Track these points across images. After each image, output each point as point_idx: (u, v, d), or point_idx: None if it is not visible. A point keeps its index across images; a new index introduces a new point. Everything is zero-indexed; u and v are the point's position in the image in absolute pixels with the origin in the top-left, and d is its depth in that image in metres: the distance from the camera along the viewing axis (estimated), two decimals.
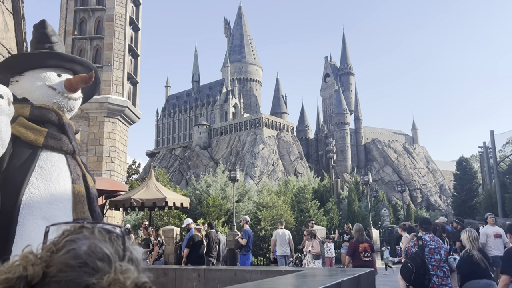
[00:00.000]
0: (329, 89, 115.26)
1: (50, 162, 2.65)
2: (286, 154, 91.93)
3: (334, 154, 30.37)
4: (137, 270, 0.81)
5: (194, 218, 21.24)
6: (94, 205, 2.89)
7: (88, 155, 18.97)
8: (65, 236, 0.79)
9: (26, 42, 6.71)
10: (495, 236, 9.43)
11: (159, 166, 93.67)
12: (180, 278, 4.41)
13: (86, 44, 19.91)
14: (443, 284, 5.95)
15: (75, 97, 2.92)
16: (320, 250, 9.90)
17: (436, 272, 5.99)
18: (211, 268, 4.19)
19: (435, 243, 6.17)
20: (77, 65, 3.03)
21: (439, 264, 6.02)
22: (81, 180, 2.81)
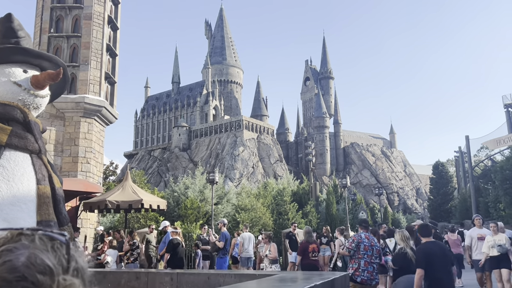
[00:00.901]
0: (309, 93, 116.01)
1: (13, 161, 2.53)
2: (266, 156, 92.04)
3: (313, 157, 30.52)
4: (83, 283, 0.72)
5: (171, 220, 21.00)
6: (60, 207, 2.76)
7: (63, 155, 18.57)
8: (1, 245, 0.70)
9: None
10: (479, 239, 9.26)
11: (137, 167, 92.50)
12: (153, 282, 4.30)
13: (63, 42, 19.51)
14: (371, 279, 6.51)
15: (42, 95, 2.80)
16: (277, 255, 9.77)
17: (367, 267, 6.51)
18: (184, 271, 4.10)
19: (369, 241, 6.72)
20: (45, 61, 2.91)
21: (370, 260, 6.57)
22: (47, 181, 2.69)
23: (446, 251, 5.71)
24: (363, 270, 6.53)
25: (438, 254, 5.33)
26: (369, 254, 6.62)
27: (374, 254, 6.66)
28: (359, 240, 6.75)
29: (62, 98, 18.56)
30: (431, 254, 5.29)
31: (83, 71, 19.19)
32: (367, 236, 6.85)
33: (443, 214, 50.51)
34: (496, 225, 8.82)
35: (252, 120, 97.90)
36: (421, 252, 5.42)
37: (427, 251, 5.33)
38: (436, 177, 53.94)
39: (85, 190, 11.12)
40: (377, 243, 7.05)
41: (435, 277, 5.19)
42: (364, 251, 6.61)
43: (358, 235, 6.93)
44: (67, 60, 19.34)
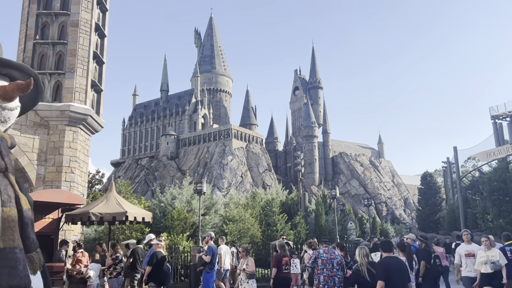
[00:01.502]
0: (298, 102, 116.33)
1: None
2: (254, 166, 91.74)
3: (302, 167, 30.32)
4: None
5: (158, 232, 20.56)
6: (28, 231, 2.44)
7: (47, 165, 18.11)
8: None
9: None
10: (467, 256, 8.77)
11: (124, 176, 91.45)
12: None
13: (48, 49, 19.13)
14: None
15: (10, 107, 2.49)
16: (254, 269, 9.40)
17: (327, 282, 6.77)
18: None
19: (328, 255, 7.03)
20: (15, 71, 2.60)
21: (330, 273, 6.82)
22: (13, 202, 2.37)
23: (403, 266, 6.02)
24: (324, 285, 6.77)
25: (395, 269, 5.72)
26: (328, 268, 6.86)
27: (334, 267, 6.85)
28: (316, 255, 7.08)
29: (47, 106, 18.17)
30: (390, 268, 5.70)
31: (69, 78, 18.81)
32: (325, 251, 7.15)
33: (431, 224, 50.58)
34: (488, 239, 8.34)
35: (241, 129, 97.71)
36: (381, 266, 5.89)
37: (386, 265, 5.77)
38: (424, 187, 54.10)
39: (67, 201, 10.73)
40: (337, 256, 7.18)
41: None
42: (323, 266, 6.86)
43: (317, 251, 7.28)
44: (52, 67, 18.96)
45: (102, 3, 21.18)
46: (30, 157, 17.76)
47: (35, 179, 17.70)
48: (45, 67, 18.94)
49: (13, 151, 17.31)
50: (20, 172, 17.76)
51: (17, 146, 17.39)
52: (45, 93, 18.73)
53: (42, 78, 18.90)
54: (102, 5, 21.27)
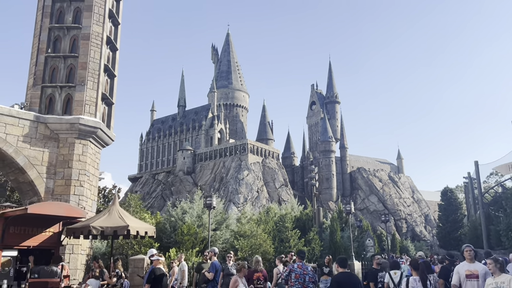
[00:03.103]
0: (315, 117, 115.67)
1: None
2: (271, 181, 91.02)
3: (316, 182, 29.67)
4: None
5: (167, 247, 20.13)
6: None
7: (56, 178, 17.95)
8: None
9: None
10: (468, 277, 7.04)
11: (141, 191, 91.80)
12: None
13: (60, 62, 19.16)
14: None
15: None
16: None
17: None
18: None
19: (301, 270, 7.69)
20: None
21: (302, 286, 7.52)
22: None
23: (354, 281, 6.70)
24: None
25: (346, 283, 6.48)
26: (300, 281, 7.55)
27: (306, 281, 7.55)
28: (291, 269, 7.77)
29: (57, 119, 18.11)
30: (340, 282, 6.49)
31: (79, 91, 18.75)
32: (299, 266, 7.77)
33: (452, 242, 48.95)
34: (493, 263, 6.42)
35: (257, 144, 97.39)
36: (334, 280, 6.77)
37: (338, 280, 6.61)
38: (445, 203, 52.60)
39: (67, 214, 10.41)
40: (310, 271, 7.79)
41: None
42: (295, 279, 7.54)
43: (291, 265, 8.00)
44: (63, 80, 18.95)
45: (114, 16, 21.24)
46: (39, 170, 17.64)
47: (44, 192, 17.54)
48: (56, 80, 18.95)
49: (23, 163, 17.22)
50: (29, 185, 17.65)
51: (26, 159, 17.30)
52: (55, 106, 18.71)
53: (53, 91, 18.92)
54: (114, 18, 21.33)
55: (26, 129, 17.34)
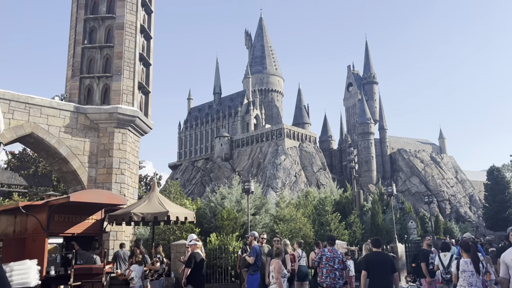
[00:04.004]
0: (352, 99, 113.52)
1: None
2: (308, 165, 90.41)
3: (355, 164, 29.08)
4: None
5: (208, 232, 20.28)
6: None
7: (97, 167, 18.37)
8: None
9: None
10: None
11: (182, 178, 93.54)
12: None
13: (96, 53, 19.45)
14: (334, 283, 8.22)
15: None
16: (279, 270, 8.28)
17: (329, 274, 8.29)
18: None
19: (331, 254, 8.49)
20: None
21: (332, 268, 8.32)
22: None
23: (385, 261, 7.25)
24: (326, 277, 8.27)
25: (376, 262, 7.15)
26: (330, 264, 8.35)
27: (336, 264, 8.36)
28: (322, 253, 8.60)
29: (96, 109, 18.46)
30: (371, 261, 7.22)
31: (116, 81, 19.00)
32: (330, 250, 8.60)
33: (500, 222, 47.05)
34: None
35: (293, 128, 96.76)
36: (364, 259, 7.61)
37: (368, 259, 7.38)
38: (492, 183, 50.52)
39: (108, 202, 10.56)
40: (340, 255, 8.58)
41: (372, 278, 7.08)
42: (326, 262, 8.37)
43: (323, 249, 8.78)
44: (100, 71, 19.25)
45: (147, 5, 21.29)
46: (81, 159, 18.09)
47: (87, 181, 18.00)
48: (94, 71, 19.26)
49: (66, 153, 17.70)
50: (72, 174, 18.16)
51: (69, 149, 17.76)
52: (94, 96, 19.06)
53: (91, 81, 19.26)
54: (147, 6, 21.38)
55: (67, 120, 17.77)
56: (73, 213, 10.37)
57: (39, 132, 16.89)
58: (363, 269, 7.21)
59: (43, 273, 9.22)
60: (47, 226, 9.69)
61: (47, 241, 9.65)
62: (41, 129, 16.95)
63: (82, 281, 9.26)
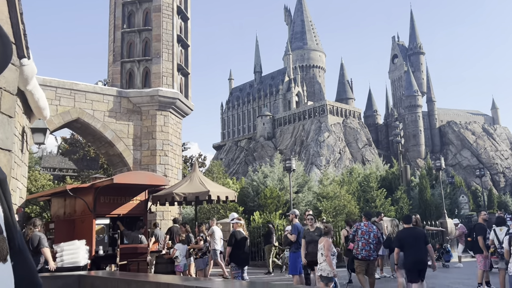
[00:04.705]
0: (398, 71, 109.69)
1: None
2: (353, 141, 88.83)
3: (402, 139, 28.15)
4: None
5: (251, 210, 20.45)
6: None
7: (142, 149, 18.80)
8: None
9: (24, 24, 6.06)
10: None
11: (226, 158, 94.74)
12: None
13: (135, 37, 19.68)
14: (369, 255, 8.67)
15: None
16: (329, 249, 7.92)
17: (364, 247, 8.69)
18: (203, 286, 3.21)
19: (367, 228, 8.89)
20: None
21: (367, 242, 8.69)
22: None
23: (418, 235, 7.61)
24: (362, 249, 8.67)
25: (409, 237, 7.53)
26: (365, 237, 8.73)
27: (371, 237, 8.74)
28: (357, 227, 9.04)
29: (137, 93, 18.77)
30: (404, 237, 7.63)
31: (156, 64, 19.20)
32: (366, 224, 9.02)
33: None
34: None
35: (336, 104, 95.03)
36: (397, 237, 8.07)
37: (401, 236, 7.80)
38: None
39: (151, 183, 10.76)
40: (375, 229, 8.98)
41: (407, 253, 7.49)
42: (361, 235, 8.75)
43: (358, 223, 9.23)
44: (140, 54, 19.49)
45: None
46: (126, 142, 18.56)
47: (132, 163, 18.48)
48: (134, 55, 19.54)
49: (111, 137, 18.20)
50: (118, 157, 18.70)
51: (114, 133, 18.24)
52: (135, 80, 19.38)
53: (132, 65, 19.56)
54: None
55: (111, 105, 18.20)
56: (118, 194, 10.64)
57: (85, 117, 17.42)
58: (397, 246, 7.68)
59: (93, 253, 9.58)
60: (94, 207, 10.01)
61: (94, 222, 9.99)
62: (87, 114, 17.47)
63: (128, 260, 9.55)
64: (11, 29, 5.78)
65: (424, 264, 7.55)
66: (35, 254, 7.57)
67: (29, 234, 7.72)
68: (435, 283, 10.43)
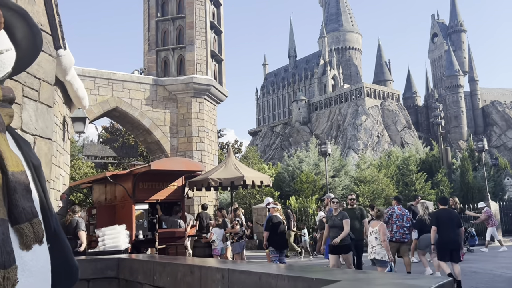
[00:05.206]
0: (438, 50, 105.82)
1: None
2: (392, 124, 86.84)
3: (442, 120, 27.22)
4: None
5: (287, 195, 20.47)
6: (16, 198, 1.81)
7: (178, 136, 19.13)
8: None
9: (59, 15, 6.22)
10: None
11: (261, 144, 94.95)
12: (205, 278, 3.61)
13: (169, 25, 19.89)
14: (403, 237, 9.13)
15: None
16: None
17: (398, 230, 9.12)
18: (235, 269, 3.25)
19: (400, 211, 9.39)
20: None
21: (401, 224, 9.17)
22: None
23: (453, 216, 8.01)
24: (396, 232, 9.08)
25: (444, 218, 7.88)
26: (400, 220, 9.20)
27: (404, 220, 9.22)
28: (392, 210, 9.47)
29: (173, 81, 19.05)
30: (440, 217, 7.97)
31: (190, 51, 19.37)
32: (399, 208, 9.53)
33: None
34: None
35: (374, 86, 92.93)
36: (434, 216, 8.35)
37: (437, 215, 8.14)
38: None
39: (187, 169, 10.95)
40: (407, 213, 9.56)
41: (441, 233, 7.81)
42: (396, 219, 9.24)
43: (392, 207, 9.65)
44: (174, 42, 19.70)
45: None
46: (163, 130, 18.93)
47: (170, 150, 18.86)
48: (168, 43, 19.78)
49: (149, 125, 18.61)
50: (156, 144, 19.13)
51: (151, 121, 18.64)
52: (170, 68, 19.65)
53: (167, 54, 19.81)
54: None
55: (147, 93, 18.57)
56: (156, 180, 10.90)
57: (123, 106, 17.87)
58: (434, 225, 8.00)
59: (133, 237, 9.89)
60: (133, 193, 10.30)
61: (134, 208, 10.29)
62: (124, 103, 17.91)
63: (167, 244, 9.80)
64: (47, 21, 5.95)
65: (457, 244, 7.86)
66: (74, 237, 7.98)
67: (68, 219, 8.13)
68: (478, 267, 10.15)
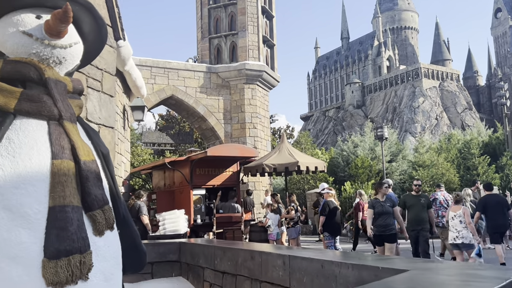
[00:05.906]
0: (502, 26, 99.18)
1: (23, 132, 1.89)
2: (451, 105, 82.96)
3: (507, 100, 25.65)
4: None
5: (342, 180, 20.21)
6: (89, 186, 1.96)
7: (232, 123, 19.36)
8: None
9: (118, 7, 6.41)
10: None
11: (314, 129, 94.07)
12: (266, 264, 3.65)
13: (221, 12, 20.00)
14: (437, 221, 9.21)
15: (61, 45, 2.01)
16: None
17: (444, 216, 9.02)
18: (296, 255, 3.26)
19: (444, 198, 9.75)
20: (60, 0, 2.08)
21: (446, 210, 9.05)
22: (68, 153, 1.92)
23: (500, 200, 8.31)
24: (442, 217, 9.23)
25: (492, 203, 8.04)
26: (444, 207, 9.51)
27: (449, 206, 8.95)
28: (435, 197, 9.84)
29: (225, 68, 19.23)
30: (487, 202, 8.10)
31: (242, 37, 19.42)
32: (442, 194, 9.94)
33: None
34: None
35: (432, 66, 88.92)
36: (480, 201, 8.51)
37: (484, 201, 8.30)
38: None
39: (241, 155, 11.10)
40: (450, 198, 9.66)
41: (490, 217, 8.07)
42: (440, 205, 9.61)
43: (435, 193, 10.04)
44: (226, 29, 19.82)
45: None
46: (217, 117, 19.22)
47: (224, 136, 19.15)
48: (220, 30, 19.93)
49: (203, 112, 18.95)
50: (210, 131, 19.48)
51: (205, 108, 18.97)
52: (223, 55, 19.83)
53: (219, 41, 19.99)
54: None
55: (201, 81, 18.88)
56: (212, 166, 11.14)
57: (178, 94, 18.30)
58: (479, 211, 8.15)
59: (191, 222, 10.19)
60: (190, 179, 10.59)
61: (191, 193, 10.59)
62: (180, 91, 18.33)
63: (224, 229, 10.02)
64: (107, 13, 6.15)
65: (505, 227, 8.33)
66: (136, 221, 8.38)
67: (131, 202, 8.52)
68: None
